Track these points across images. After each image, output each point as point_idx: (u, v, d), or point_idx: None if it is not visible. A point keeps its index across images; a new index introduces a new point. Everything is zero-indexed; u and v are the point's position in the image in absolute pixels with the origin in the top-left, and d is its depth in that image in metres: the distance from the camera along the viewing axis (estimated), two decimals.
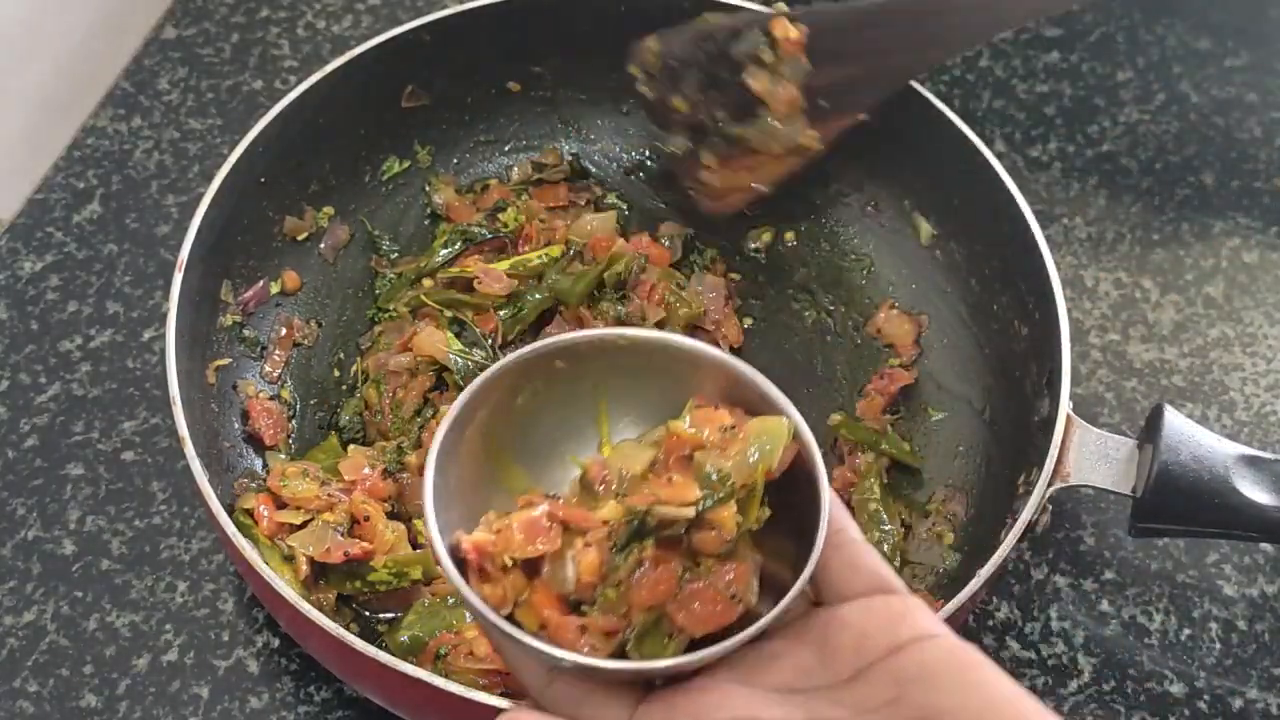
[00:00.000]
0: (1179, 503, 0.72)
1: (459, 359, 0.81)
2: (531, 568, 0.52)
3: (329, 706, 0.76)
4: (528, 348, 0.56)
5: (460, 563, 0.52)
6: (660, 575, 0.51)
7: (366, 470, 0.78)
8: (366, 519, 0.76)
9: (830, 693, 0.48)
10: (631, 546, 0.51)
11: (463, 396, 0.55)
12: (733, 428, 0.53)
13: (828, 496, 0.51)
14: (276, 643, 0.78)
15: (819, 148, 0.83)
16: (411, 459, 0.80)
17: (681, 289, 0.87)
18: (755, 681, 0.49)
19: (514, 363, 0.56)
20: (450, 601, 0.74)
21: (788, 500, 0.53)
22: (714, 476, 0.51)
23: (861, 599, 0.50)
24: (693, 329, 0.86)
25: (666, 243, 0.90)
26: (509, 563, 0.51)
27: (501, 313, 0.85)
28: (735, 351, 0.86)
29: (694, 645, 0.51)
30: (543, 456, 0.58)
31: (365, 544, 0.75)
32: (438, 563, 0.52)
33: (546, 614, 0.51)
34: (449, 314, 0.84)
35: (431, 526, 0.52)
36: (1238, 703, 0.78)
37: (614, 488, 0.53)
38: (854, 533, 0.52)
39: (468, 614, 0.58)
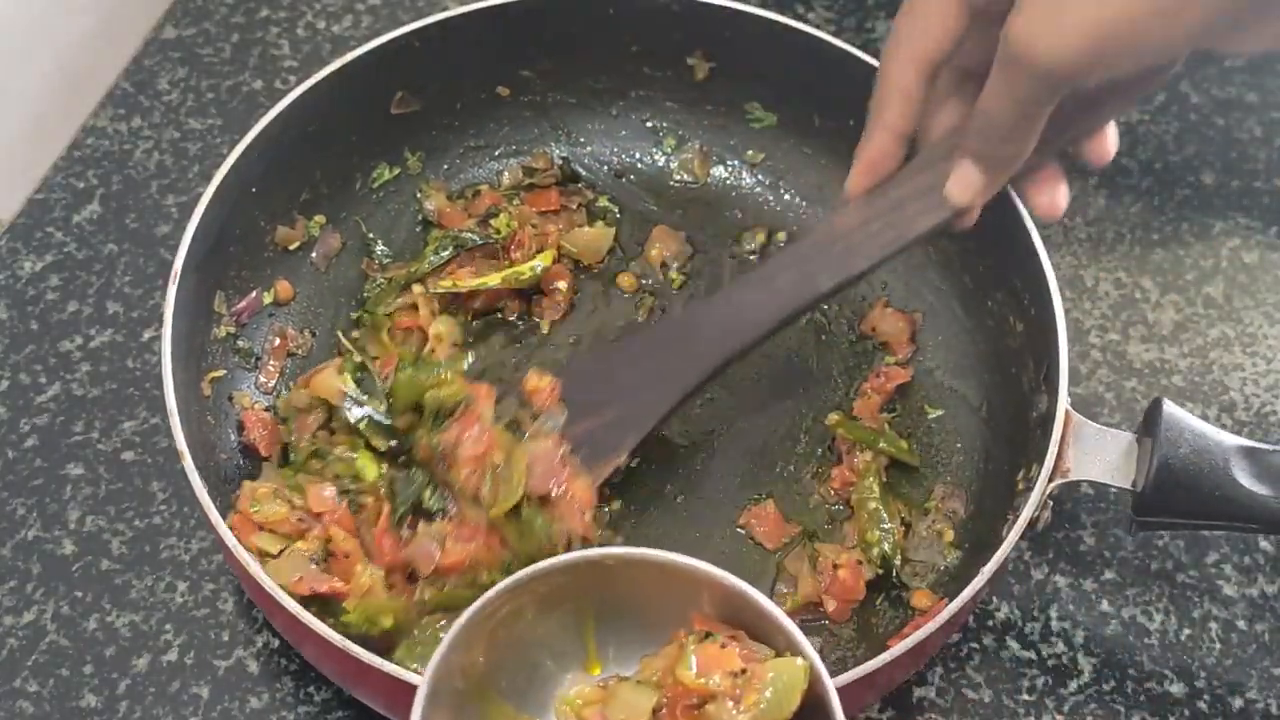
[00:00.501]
0: (1180, 496, 0.72)
1: (352, 405, 0.78)
2: None
3: (329, 707, 0.76)
4: (509, 580, 0.55)
5: None
6: None
7: (333, 501, 0.77)
8: (347, 556, 0.75)
9: None
10: None
11: (449, 637, 0.54)
12: (744, 672, 0.51)
13: None
14: (276, 643, 0.78)
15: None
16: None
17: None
18: None
19: (496, 594, 0.55)
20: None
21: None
22: None
23: None
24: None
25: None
26: None
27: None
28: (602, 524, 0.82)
29: None
30: (527, 683, 0.57)
31: (337, 583, 0.73)
32: None
33: None
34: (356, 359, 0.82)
35: None
36: (1238, 703, 0.78)
37: None
38: None
39: None
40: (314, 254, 0.88)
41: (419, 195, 0.92)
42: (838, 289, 0.76)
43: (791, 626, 0.52)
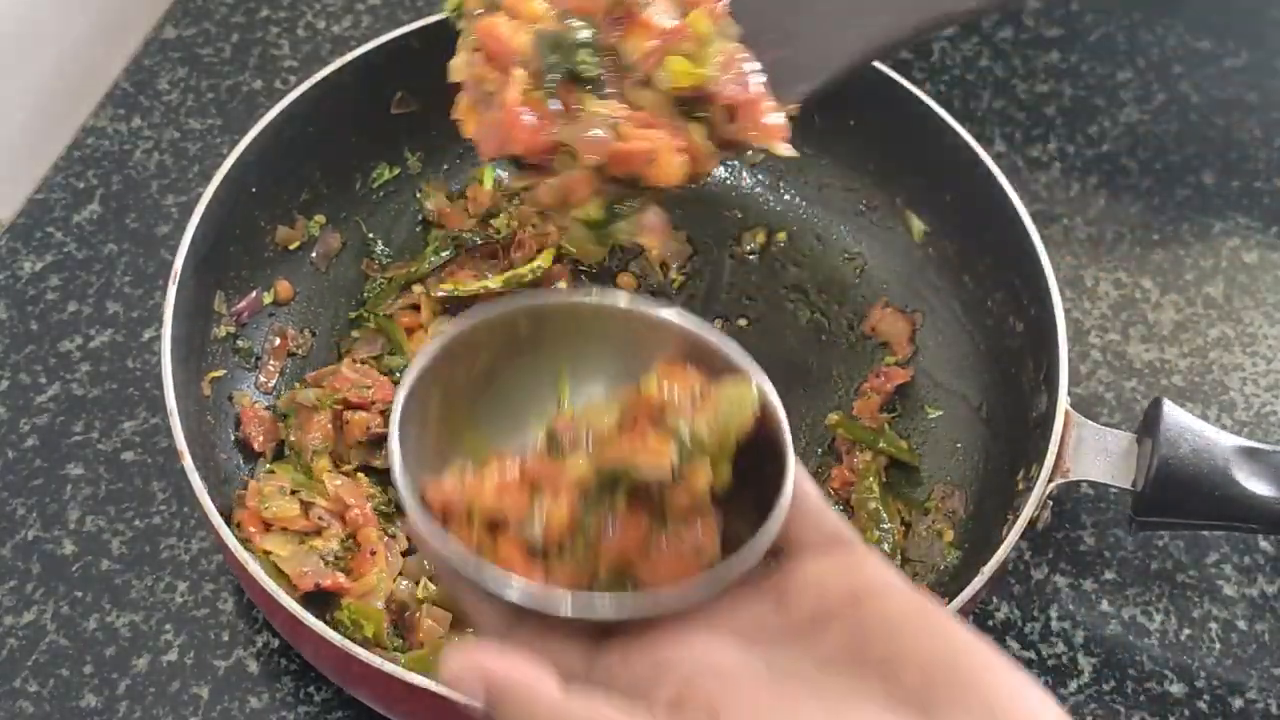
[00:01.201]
0: (1179, 496, 0.72)
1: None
2: (495, 526, 0.52)
3: (329, 706, 0.76)
4: (492, 306, 0.56)
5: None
6: (628, 531, 0.51)
7: (363, 494, 0.78)
8: (373, 553, 0.76)
9: (789, 643, 0.49)
10: (602, 502, 0.51)
11: (423, 355, 0.54)
12: (701, 394, 0.53)
13: (792, 457, 0.52)
14: (276, 643, 0.78)
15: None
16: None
17: None
18: (715, 626, 0.50)
19: (478, 323, 0.56)
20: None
21: (749, 468, 0.53)
22: (687, 436, 0.51)
23: (820, 554, 0.51)
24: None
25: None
26: (473, 516, 0.51)
27: None
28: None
29: None
30: (502, 421, 0.58)
31: (341, 578, 0.74)
32: (402, 510, 0.52)
33: (511, 564, 0.51)
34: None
35: (397, 469, 0.52)
36: (1238, 703, 0.78)
37: (581, 445, 0.53)
38: (815, 495, 0.53)
39: (426, 561, 0.58)
40: (314, 254, 0.88)
41: (419, 195, 0.92)
42: None
43: (754, 368, 0.54)
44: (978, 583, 0.68)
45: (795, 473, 0.52)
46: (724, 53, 0.63)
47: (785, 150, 0.64)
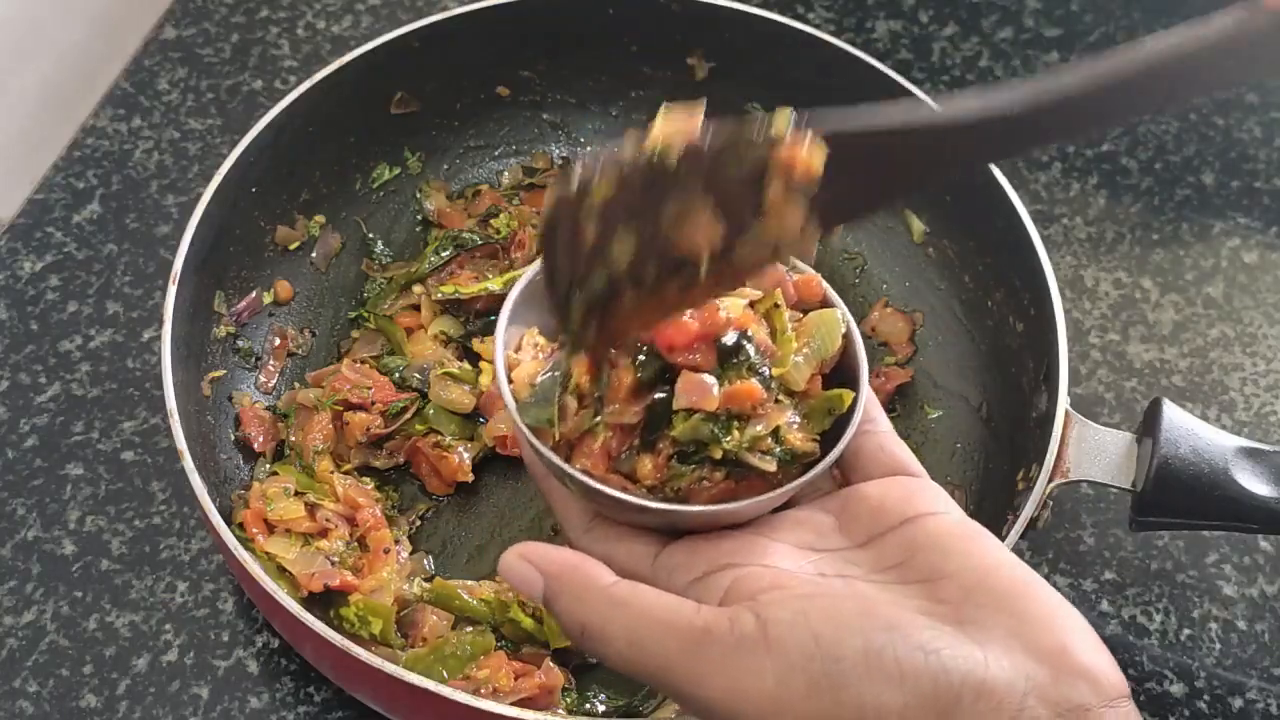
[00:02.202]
0: (1179, 496, 0.72)
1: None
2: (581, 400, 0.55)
3: (329, 706, 0.76)
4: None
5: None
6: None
7: (372, 497, 0.78)
8: (386, 551, 0.76)
9: (845, 554, 0.52)
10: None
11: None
12: (794, 323, 0.57)
13: (866, 384, 0.56)
14: (276, 643, 0.78)
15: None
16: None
17: None
18: (775, 537, 0.53)
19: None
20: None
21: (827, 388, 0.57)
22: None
23: (883, 478, 0.54)
24: None
25: None
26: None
27: None
28: None
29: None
30: None
31: (349, 577, 0.74)
32: (497, 389, 0.56)
33: (594, 468, 0.54)
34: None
35: (500, 364, 0.56)
36: (1238, 703, 0.78)
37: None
38: (884, 424, 0.57)
39: (526, 462, 0.59)
40: (314, 254, 0.88)
41: (419, 195, 0.92)
42: None
43: (838, 300, 0.59)
44: None
45: (868, 405, 0.56)
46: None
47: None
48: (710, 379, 0.53)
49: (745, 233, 0.52)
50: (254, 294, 0.85)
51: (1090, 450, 0.74)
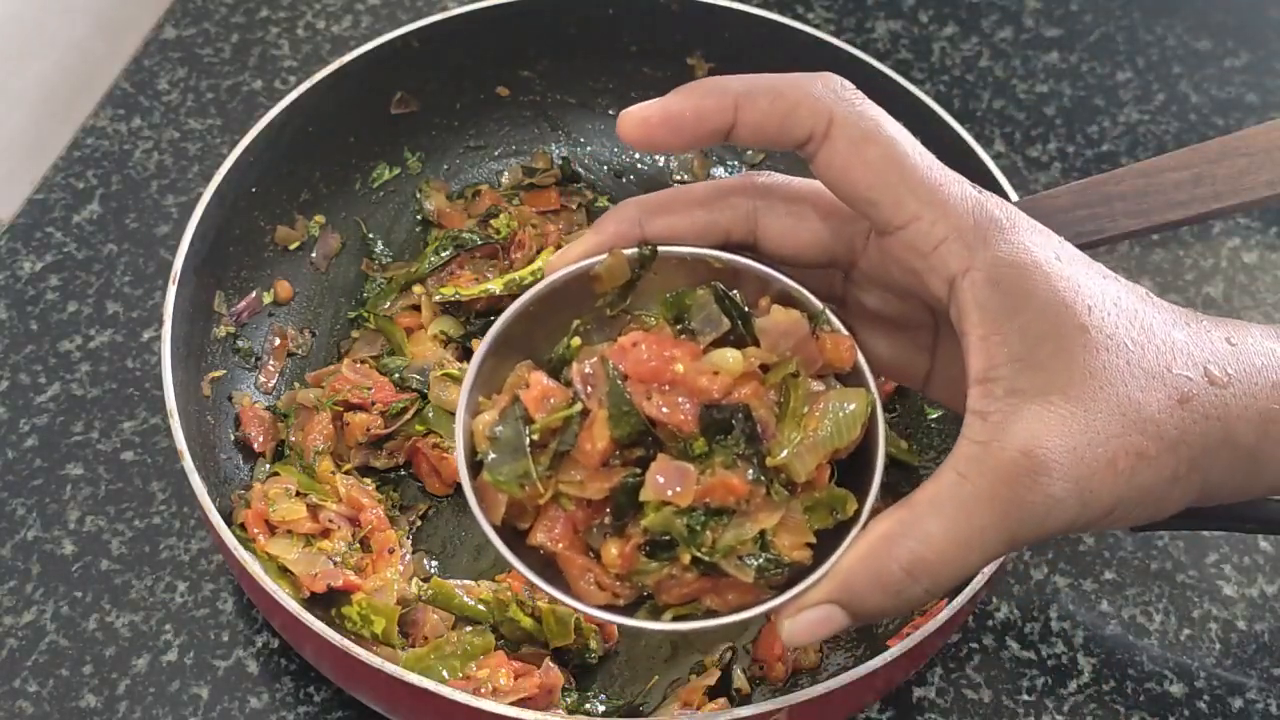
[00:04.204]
0: None
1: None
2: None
3: (329, 707, 0.76)
4: (579, 263, 0.52)
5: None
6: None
7: (375, 498, 0.78)
8: (391, 551, 0.76)
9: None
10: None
11: (503, 316, 0.52)
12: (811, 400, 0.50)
13: (876, 490, 0.50)
14: (276, 643, 0.78)
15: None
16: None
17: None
18: None
19: (560, 278, 0.52)
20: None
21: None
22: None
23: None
24: None
25: None
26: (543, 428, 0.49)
27: None
28: None
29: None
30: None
31: (352, 576, 0.74)
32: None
33: (555, 542, 0.49)
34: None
35: (461, 422, 0.51)
36: (1238, 703, 0.78)
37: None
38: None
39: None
40: (314, 254, 0.88)
41: (419, 195, 0.92)
42: None
43: (868, 374, 0.52)
44: (977, 582, 0.68)
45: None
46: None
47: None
48: (687, 467, 0.47)
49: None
50: (254, 294, 0.85)
51: None
